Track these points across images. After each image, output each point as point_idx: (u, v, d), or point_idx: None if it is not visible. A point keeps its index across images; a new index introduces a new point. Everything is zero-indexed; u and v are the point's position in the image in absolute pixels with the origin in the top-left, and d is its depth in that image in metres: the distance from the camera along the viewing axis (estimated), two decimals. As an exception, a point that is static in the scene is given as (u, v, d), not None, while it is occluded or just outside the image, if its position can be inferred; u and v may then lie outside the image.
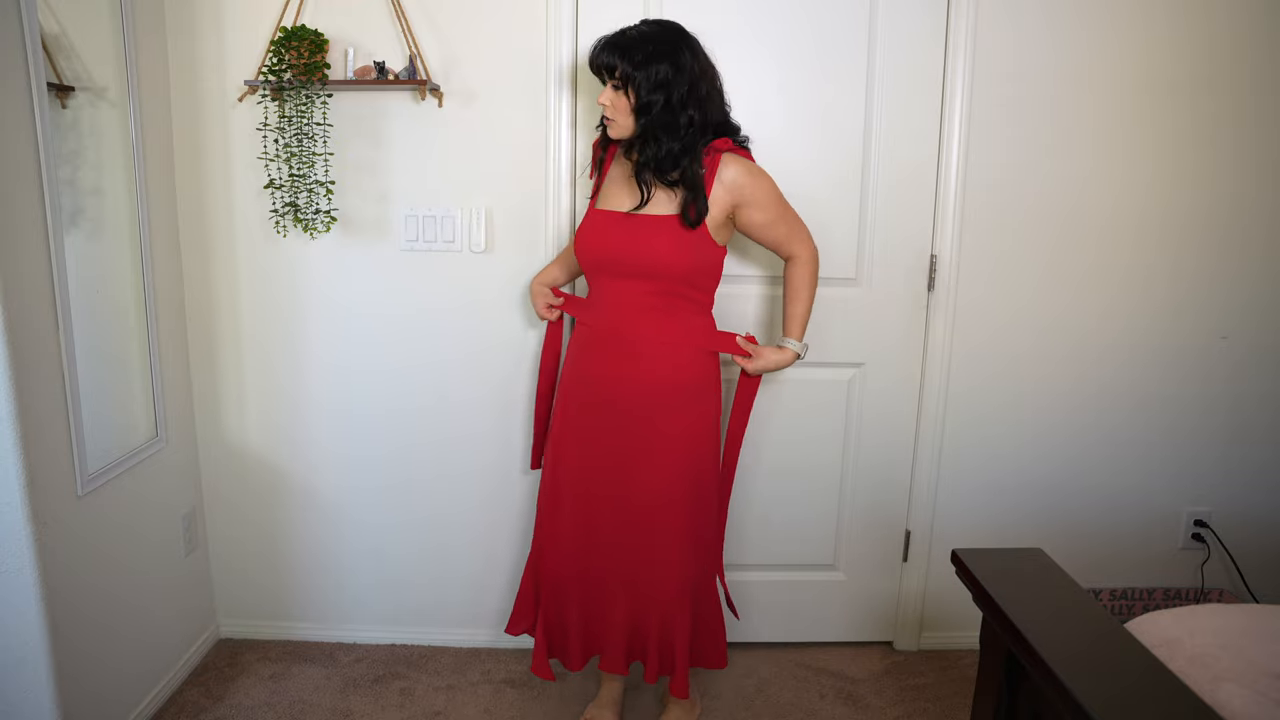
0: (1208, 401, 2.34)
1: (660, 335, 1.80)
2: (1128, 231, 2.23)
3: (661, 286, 1.77)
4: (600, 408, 1.84)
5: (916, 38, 2.11)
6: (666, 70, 1.66)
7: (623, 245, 1.76)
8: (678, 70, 1.67)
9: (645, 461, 1.82)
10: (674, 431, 1.82)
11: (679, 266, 1.75)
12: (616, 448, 1.84)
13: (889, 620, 2.43)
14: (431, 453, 2.30)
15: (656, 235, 1.73)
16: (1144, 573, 2.43)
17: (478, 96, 2.12)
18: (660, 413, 1.81)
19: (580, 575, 1.91)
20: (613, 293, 1.81)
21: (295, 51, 1.97)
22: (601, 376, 1.84)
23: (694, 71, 1.69)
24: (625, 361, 1.81)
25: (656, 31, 1.70)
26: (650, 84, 1.66)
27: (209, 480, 2.33)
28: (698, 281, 1.80)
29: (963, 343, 2.27)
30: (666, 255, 1.74)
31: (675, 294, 1.79)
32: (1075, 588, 1.25)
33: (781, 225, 1.83)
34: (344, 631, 2.41)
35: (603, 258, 1.80)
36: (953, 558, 1.35)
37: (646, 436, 1.82)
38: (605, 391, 1.83)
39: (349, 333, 2.24)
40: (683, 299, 1.80)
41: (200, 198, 2.17)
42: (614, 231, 1.78)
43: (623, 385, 1.81)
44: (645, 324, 1.79)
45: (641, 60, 1.66)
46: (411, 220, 2.17)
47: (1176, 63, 2.15)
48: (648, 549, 1.85)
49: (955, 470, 2.34)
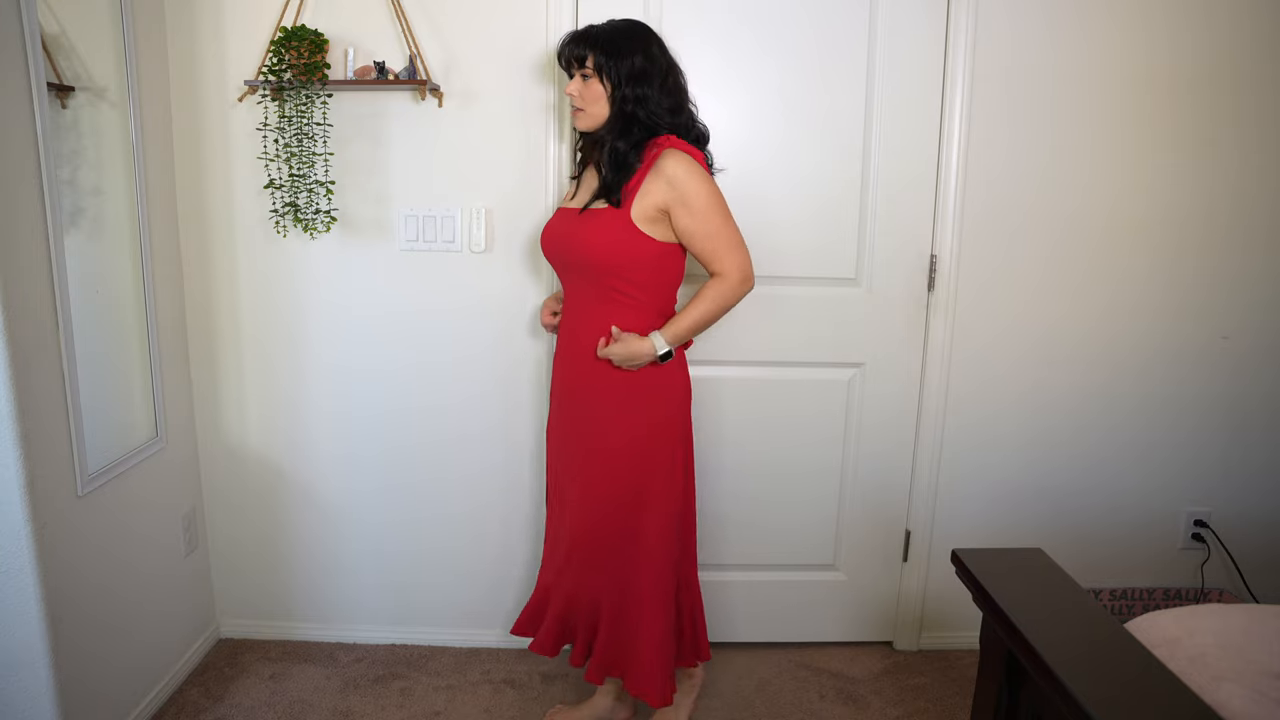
0: (1208, 401, 2.34)
1: (599, 332, 1.77)
2: (1128, 231, 2.24)
3: (598, 281, 1.76)
4: (561, 407, 1.90)
5: (917, 38, 2.11)
6: (640, 61, 1.70)
7: (564, 239, 1.79)
8: (649, 61, 1.71)
9: (584, 461, 1.83)
10: (613, 430, 1.79)
11: (606, 259, 1.72)
12: (569, 447, 1.87)
13: (889, 620, 2.43)
14: (431, 453, 2.30)
15: (585, 226, 1.74)
16: (1144, 573, 2.43)
17: (478, 97, 2.12)
18: (601, 410, 1.80)
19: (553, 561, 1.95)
20: (568, 290, 1.86)
21: (295, 51, 1.97)
22: (560, 375, 1.89)
23: (663, 64, 1.73)
24: (576, 360, 1.82)
25: (625, 25, 1.74)
26: (628, 74, 1.69)
27: (209, 480, 2.33)
28: (631, 276, 1.74)
29: (963, 343, 2.27)
30: (593, 246, 1.73)
31: (613, 289, 1.75)
32: (1075, 588, 1.25)
33: (712, 240, 1.72)
34: (344, 631, 2.41)
35: (549, 253, 1.85)
36: (953, 558, 1.35)
37: (590, 434, 1.82)
38: (562, 389, 1.88)
39: (349, 332, 2.24)
40: (620, 294, 1.75)
41: (200, 198, 2.17)
42: (561, 226, 1.82)
43: (574, 383, 1.84)
44: (588, 320, 1.79)
45: (614, 51, 1.69)
46: (411, 220, 2.17)
47: (1177, 63, 2.15)
48: (582, 549, 1.84)
49: (955, 470, 2.34)
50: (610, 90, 1.71)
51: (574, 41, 1.72)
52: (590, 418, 1.82)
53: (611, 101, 1.71)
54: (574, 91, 1.74)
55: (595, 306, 1.78)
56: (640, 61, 1.69)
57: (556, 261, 1.84)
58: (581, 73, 1.72)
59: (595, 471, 1.81)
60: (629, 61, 1.69)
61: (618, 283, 1.75)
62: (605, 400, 1.80)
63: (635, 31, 1.73)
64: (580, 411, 1.84)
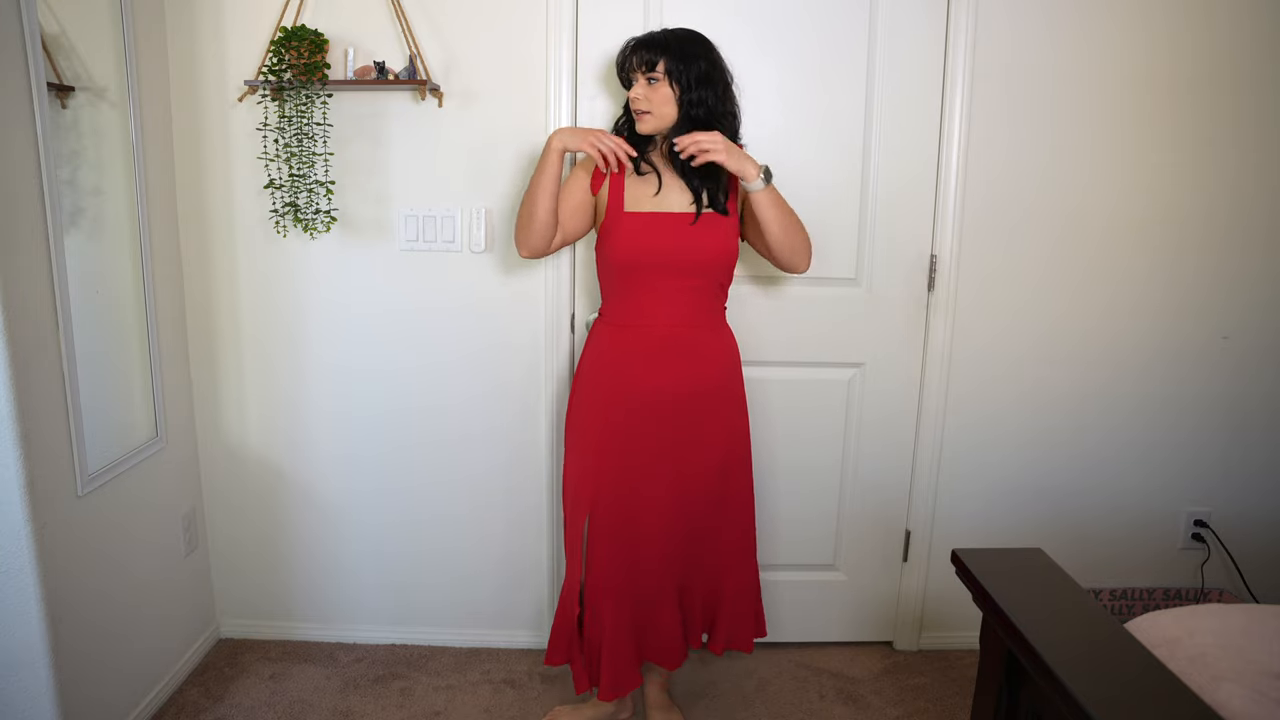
0: (1208, 401, 2.34)
1: (712, 330, 1.88)
2: (1128, 231, 2.23)
3: (711, 280, 1.85)
4: (653, 409, 1.84)
5: (916, 38, 2.11)
6: (706, 66, 1.75)
7: (679, 244, 1.79)
8: (714, 67, 1.77)
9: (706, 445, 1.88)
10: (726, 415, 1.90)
11: (728, 261, 1.85)
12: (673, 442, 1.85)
13: (889, 620, 2.43)
14: (431, 453, 2.30)
15: (708, 232, 1.80)
16: (1144, 573, 2.43)
17: (478, 97, 2.12)
18: (714, 400, 1.88)
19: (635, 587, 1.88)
20: (654, 294, 1.82)
21: (295, 51, 1.97)
22: (655, 377, 1.84)
23: (725, 71, 1.80)
24: (682, 358, 1.84)
25: (687, 33, 1.79)
26: (696, 77, 1.74)
27: (209, 480, 2.33)
28: (730, 271, 1.90)
29: (963, 343, 2.27)
30: (719, 251, 1.81)
31: (720, 285, 1.89)
32: (1075, 588, 1.25)
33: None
34: (344, 631, 2.41)
35: (648, 257, 1.80)
36: (953, 558, 1.35)
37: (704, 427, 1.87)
38: (659, 391, 1.84)
39: (349, 332, 2.24)
40: (723, 289, 1.90)
41: (200, 197, 2.17)
42: (666, 232, 1.79)
43: (681, 382, 1.84)
44: (695, 319, 1.85)
45: (685, 56, 1.74)
46: (411, 220, 2.17)
47: (1177, 62, 2.15)
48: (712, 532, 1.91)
49: (955, 470, 2.34)
50: (679, 94, 1.75)
51: (641, 46, 1.76)
52: (715, 413, 1.88)
53: (680, 105, 1.75)
54: (640, 95, 1.77)
55: (706, 304, 1.86)
56: (705, 66, 1.75)
57: (658, 265, 1.80)
58: (649, 76, 1.75)
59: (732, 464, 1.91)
60: (697, 66, 1.74)
61: (725, 279, 1.88)
62: (726, 394, 1.90)
63: (699, 38, 1.78)
64: (702, 407, 1.86)
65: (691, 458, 1.87)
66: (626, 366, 1.85)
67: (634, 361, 1.85)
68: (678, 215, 1.80)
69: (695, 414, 1.86)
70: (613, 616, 1.87)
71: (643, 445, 1.85)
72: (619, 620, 1.88)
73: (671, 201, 1.82)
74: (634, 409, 1.85)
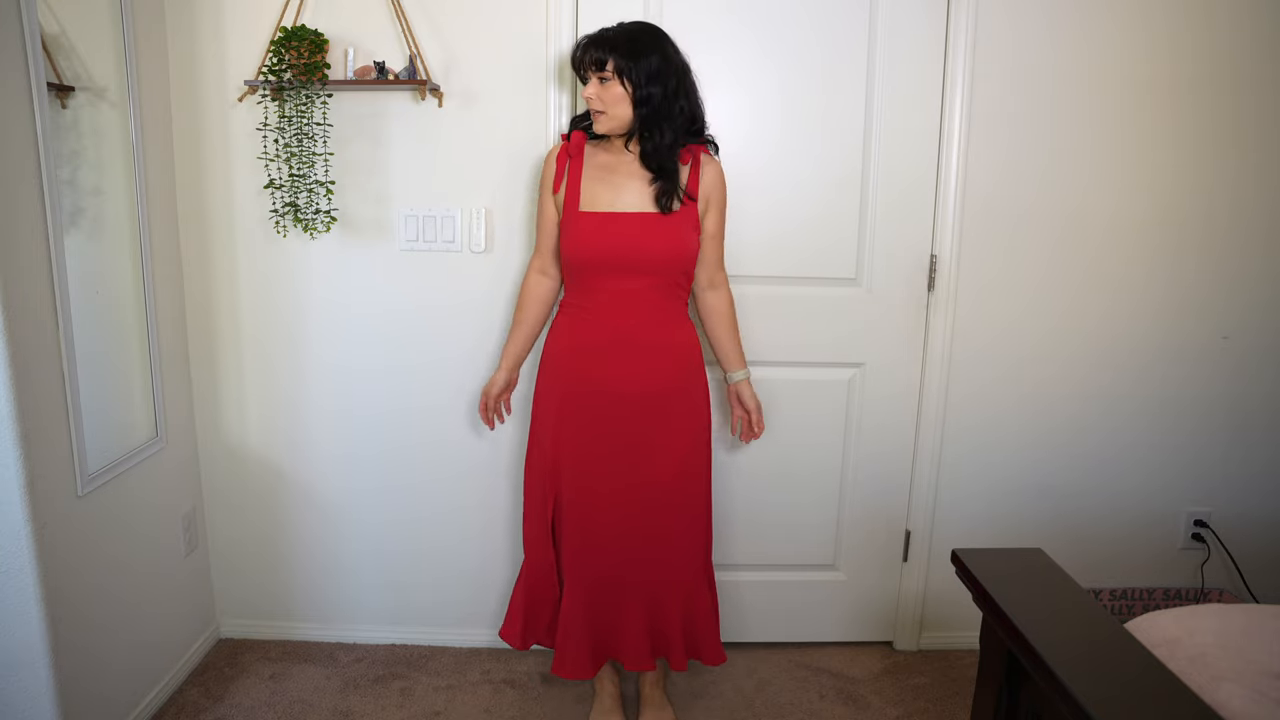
0: (1209, 402, 2.33)
1: (671, 328, 1.87)
2: (1129, 232, 2.23)
3: (668, 279, 1.84)
4: (607, 405, 1.86)
5: (917, 38, 2.11)
6: (658, 61, 1.74)
7: (636, 241, 1.79)
8: (666, 61, 1.75)
9: (661, 446, 1.87)
10: (684, 415, 1.89)
11: (687, 258, 1.84)
12: (626, 441, 1.86)
13: (889, 620, 2.43)
14: (431, 452, 2.30)
15: (665, 228, 1.80)
16: (1144, 573, 2.43)
17: (478, 97, 2.12)
18: (671, 400, 1.87)
19: (588, 576, 1.92)
20: (611, 293, 1.83)
21: (295, 51, 1.97)
22: (609, 374, 1.85)
23: (679, 64, 1.78)
24: (637, 356, 1.84)
25: (639, 27, 1.78)
26: (646, 74, 1.73)
27: (209, 480, 2.32)
28: (691, 271, 1.89)
29: (963, 343, 2.26)
30: (676, 247, 1.81)
31: (678, 285, 1.87)
32: (1075, 588, 1.25)
33: (720, 240, 1.94)
34: (344, 631, 2.41)
35: (603, 256, 1.81)
36: (953, 558, 1.35)
37: (659, 426, 1.86)
38: (613, 387, 1.85)
39: (349, 332, 2.23)
40: (682, 290, 1.89)
41: (200, 198, 2.17)
42: (622, 229, 1.80)
43: (635, 380, 1.84)
44: (651, 316, 1.84)
45: (633, 52, 1.72)
46: (411, 220, 2.17)
47: (1177, 63, 2.15)
48: (666, 534, 1.89)
49: (955, 470, 2.34)
50: (631, 92, 1.74)
51: (592, 45, 1.75)
52: (672, 412, 1.87)
53: (634, 103, 1.75)
54: (593, 95, 1.76)
55: (663, 303, 1.85)
56: (657, 61, 1.73)
57: (612, 265, 1.81)
58: (600, 76, 1.74)
59: (690, 464, 1.90)
60: (648, 62, 1.72)
61: (684, 277, 1.87)
62: (685, 393, 1.89)
63: (650, 31, 1.77)
64: (657, 407, 1.86)
65: (647, 459, 1.86)
66: (582, 360, 1.86)
67: (589, 355, 1.86)
68: (633, 215, 1.80)
69: (651, 415, 1.86)
70: (567, 601, 1.93)
71: (596, 444, 1.87)
72: (572, 606, 1.92)
73: (628, 200, 1.81)
74: (588, 405, 1.86)
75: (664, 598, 1.93)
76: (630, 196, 1.81)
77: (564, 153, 1.88)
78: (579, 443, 1.87)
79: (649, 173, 1.81)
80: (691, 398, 1.91)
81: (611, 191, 1.82)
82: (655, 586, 1.92)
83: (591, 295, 1.85)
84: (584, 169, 1.85)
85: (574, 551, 1.91)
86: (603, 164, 1.85)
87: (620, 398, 1.85)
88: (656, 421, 1.86)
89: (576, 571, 1.92)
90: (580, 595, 1.92)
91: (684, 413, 1.89)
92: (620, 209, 1.81)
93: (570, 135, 1.90)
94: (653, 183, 1.80)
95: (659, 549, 1.90)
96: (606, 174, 1.84)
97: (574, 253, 1.82)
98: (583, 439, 1.87)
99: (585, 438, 1.87)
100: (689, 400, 1.90)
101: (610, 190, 1.82)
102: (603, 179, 1.84)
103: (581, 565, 1.91)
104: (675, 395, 1.88)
